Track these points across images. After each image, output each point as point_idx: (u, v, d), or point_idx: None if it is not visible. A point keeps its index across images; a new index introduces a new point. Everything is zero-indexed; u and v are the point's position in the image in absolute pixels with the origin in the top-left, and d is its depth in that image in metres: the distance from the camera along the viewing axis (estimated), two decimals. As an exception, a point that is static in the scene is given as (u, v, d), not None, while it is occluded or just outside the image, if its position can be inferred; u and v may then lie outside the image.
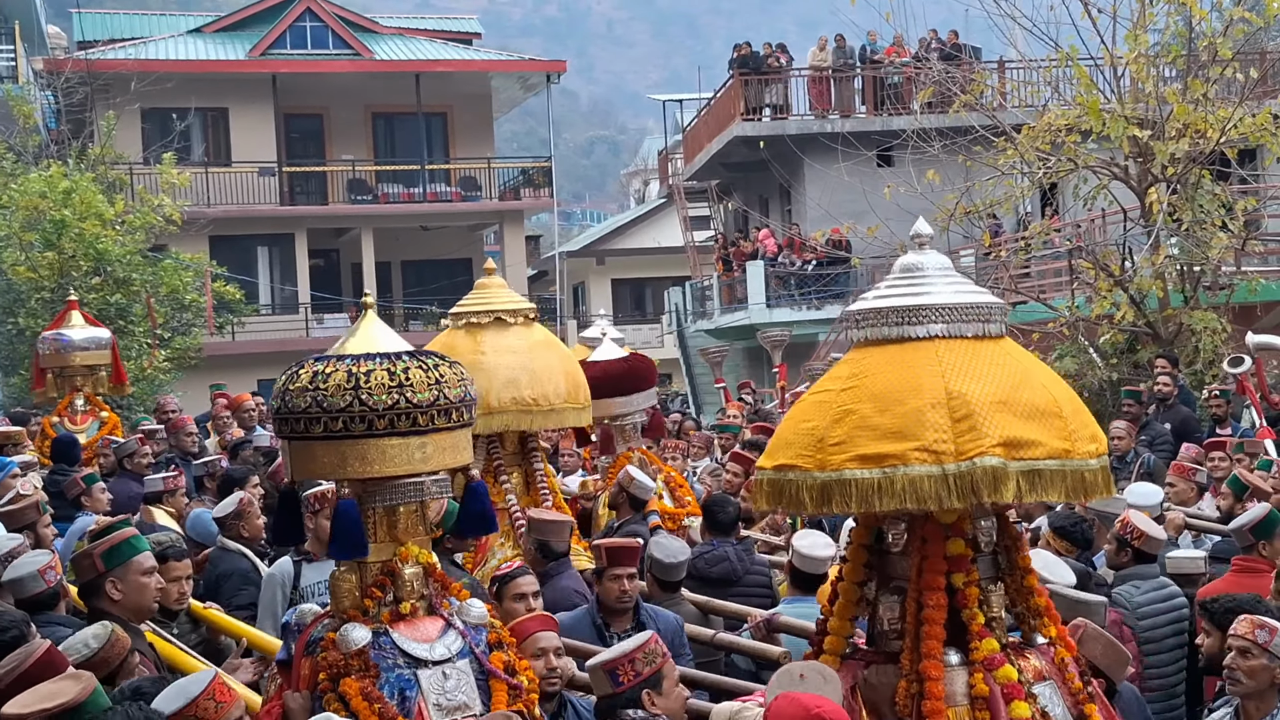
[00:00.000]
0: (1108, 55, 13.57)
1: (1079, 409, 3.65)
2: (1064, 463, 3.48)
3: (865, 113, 25.98)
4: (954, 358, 3.54)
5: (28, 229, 18.57)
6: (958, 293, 3.67)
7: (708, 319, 29.13)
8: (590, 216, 73.66)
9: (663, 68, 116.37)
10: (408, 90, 31.35)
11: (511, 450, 7.15)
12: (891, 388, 3.49)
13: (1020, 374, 3.58)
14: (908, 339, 3.60)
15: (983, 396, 3.45)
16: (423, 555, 3.88)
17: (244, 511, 7.21)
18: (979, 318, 3.63)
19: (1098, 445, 3.61)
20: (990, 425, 3.40)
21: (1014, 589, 3.79)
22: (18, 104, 21.82)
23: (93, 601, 5.13)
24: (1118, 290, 13.12)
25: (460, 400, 3.78)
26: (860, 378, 3.58)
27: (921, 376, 3.49)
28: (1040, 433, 3.47)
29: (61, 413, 11.88)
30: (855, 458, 3.44)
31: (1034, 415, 3.49)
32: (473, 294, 7.31)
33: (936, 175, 14.41)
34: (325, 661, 3.72)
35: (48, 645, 4.28)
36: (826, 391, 3.64)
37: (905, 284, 3.73)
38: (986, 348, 3.62)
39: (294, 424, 3.69)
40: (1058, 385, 3.69)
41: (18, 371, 18.67)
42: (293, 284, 31.46)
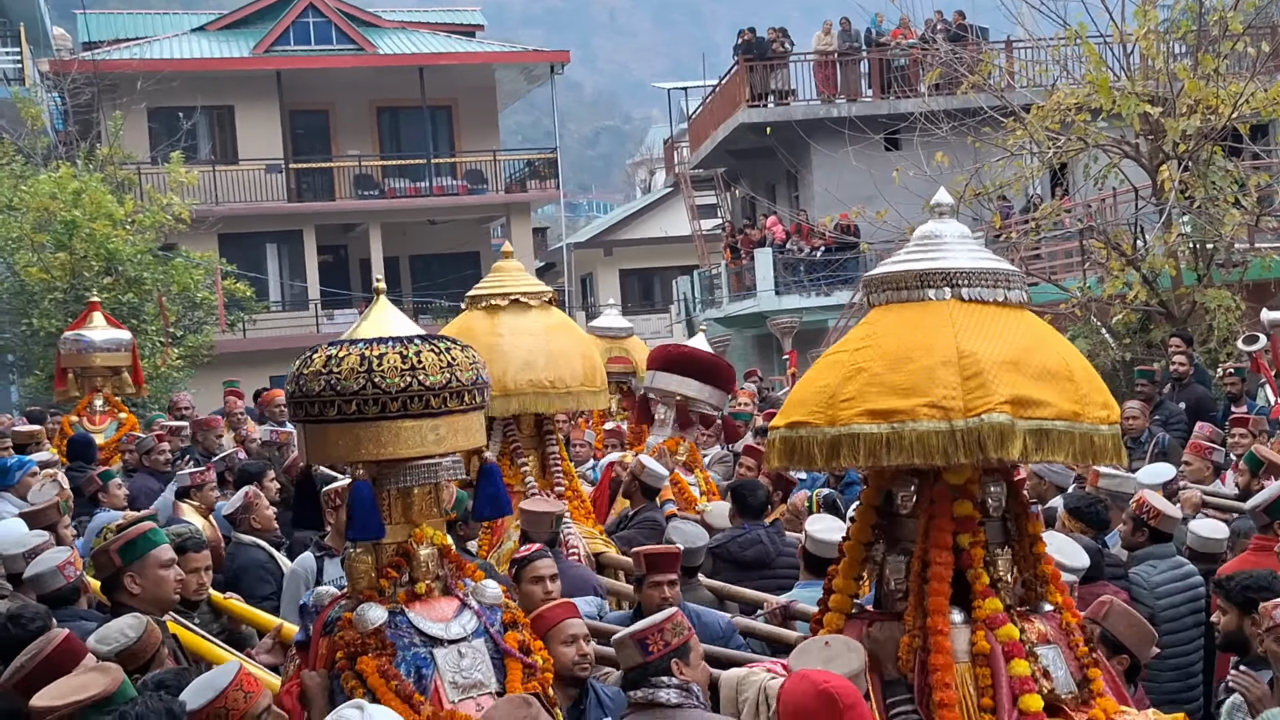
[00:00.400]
0: (1117, 32, 13.49)
1: (1092, 376, 3.68)
2: (1073, 425, 3.52)
3: (872, 96, 25.90)
4: (967, 319, 3.59)
5: (39, 230, 18.66)
6: (975, 259, 3.72)
7: (717, 307, 29.11)
8: (597, 207, 73.68)
9: (666, 56, 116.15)
10: (412, 84, 31.35)
11: (528, 434, 7.16)
12: (904, 346, 3.54)
13: (1034, 337, 3.63)
14: (923, 301, 3.66)
15: (993, 356, 3.49)
16: (437, 536, 3.93)
17: (251, 504, 7.28)
18: (995, 283, 3.68)
19: (1109, 413, 3.65)
20: (999, 383, 3.44)
21: (1021, 556, 3.82)
22: (25, 106, 21.89)
23: (114, 596, 5.18)
24: (1130, 269, 13.07)
25: (472, 383, 3.82)
26: (874, 338, 3.64)
27: (934, 336, 3.54)
28: (1050, 394, 3.50)
29: (81, 412, 11.99)
30: (865, 413, 3.48)
31: (1045, 377, 3.52)
32: (490, 277, 7.33)
33: (945, 158, 14.35)
34: (343, 641, 3.77)
35: (66, 633, 4.34)
36: (841, 352, 3.70)
37: (924, 250, 3.78)
38: (1002, 312, 3.67)
39: (309, 407, 3.74)
40: (1073, 353, 3.72)
41: (33, 371, 18.76)
42: (302, 280, 31.51)
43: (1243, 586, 5.17)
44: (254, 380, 19.21)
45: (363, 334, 3.84)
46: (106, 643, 4.51)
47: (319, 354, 3.78)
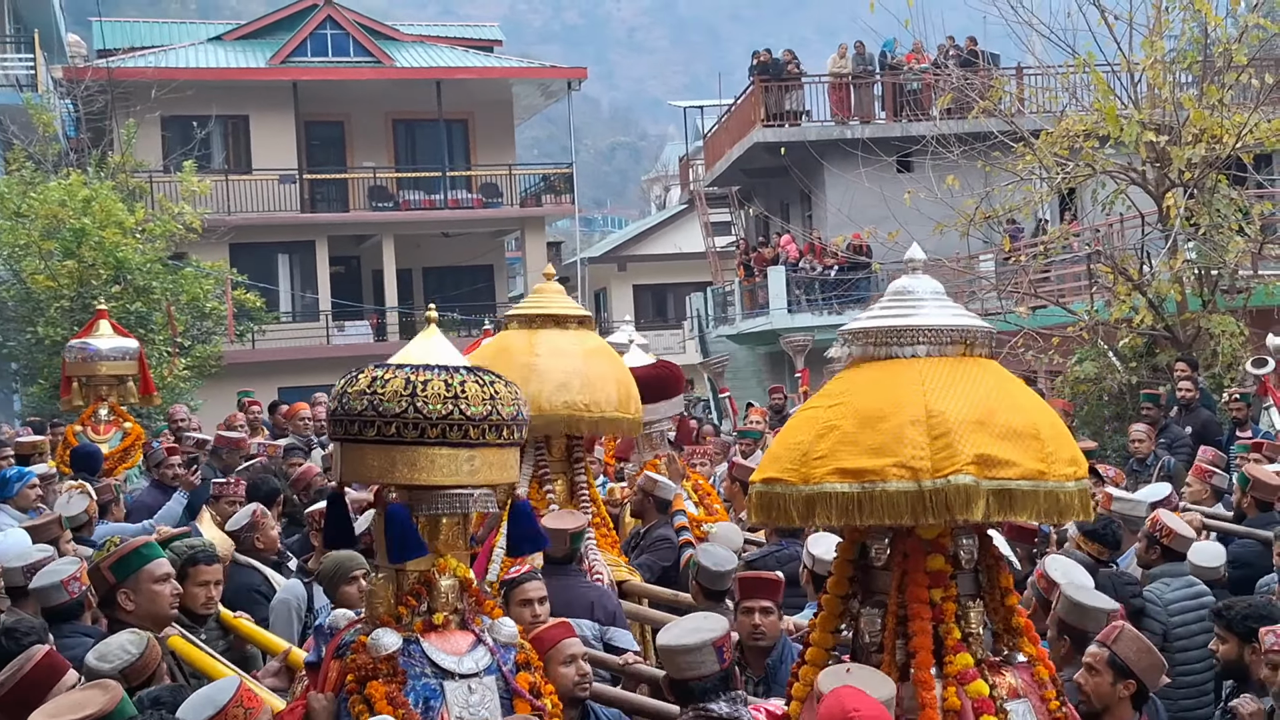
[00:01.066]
0: (1124, 61, 13.56)
1: (1059, 433, 3.69)
2: (1037, 484, 3.53)
3: (885, 119, 25.94)
4: (937, 378, 3.61)
5: (47, 237, 18.62)
6: (947, 316, 3.74)
7: (729, 324, 29.12)
8: (611, 222, 73.79)
9: (683, 74, 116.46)
10: (429, 97, 31.44)
11: (558, 457, 7.09)
12: (874, 405, 3.57)
13: (1002, 396, 3.64)
14: (894, 358, 3.69)
15: (961, 415, 3.51)
16: (460, 569, 3.93)
17: (258, 523, 7.21)
18: (964, 340, 3.71)
19: (1076, 469, 3.65)
20: (965, 443, 3.46)
21: (993, 607, 3.84)
22: (38, 112, 21.93)
23: (110, 612, 5.15)
24: (1136, 294, 13.11)
25: (512, 419, 3.84)
26: (846, 395, 3.66)
27: (903, 394, 3.56)
28: (1015, 453, 3.51)
29: (85, 422, 11.90)
30: (836, 471, 3.50)
31: (1011, 436, 3.54)
32: (530, 297, 7.31)
33: (956, 181, 14.42)
34: (354, 664, 3.77)
35: (47, 650, 4.32)
36: (815, 408, 3.72)
37: (897, 306, 3.80)
38: (971, 369, 3.68)
39: (348, 426, 3.77)
40: (1039, 410, 3.73)
41: (37, 380, 18.73)
42: (313, 291, 31.56)
43: (1243, 615, 5.21)
44: (263, 392, 19.19)
45: (410, 359, 3.88)
46: (107, 660, 4.50)
47: (364, 374, 3.82)
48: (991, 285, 17.72)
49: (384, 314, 32.15)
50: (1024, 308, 15.15)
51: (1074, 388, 13.54)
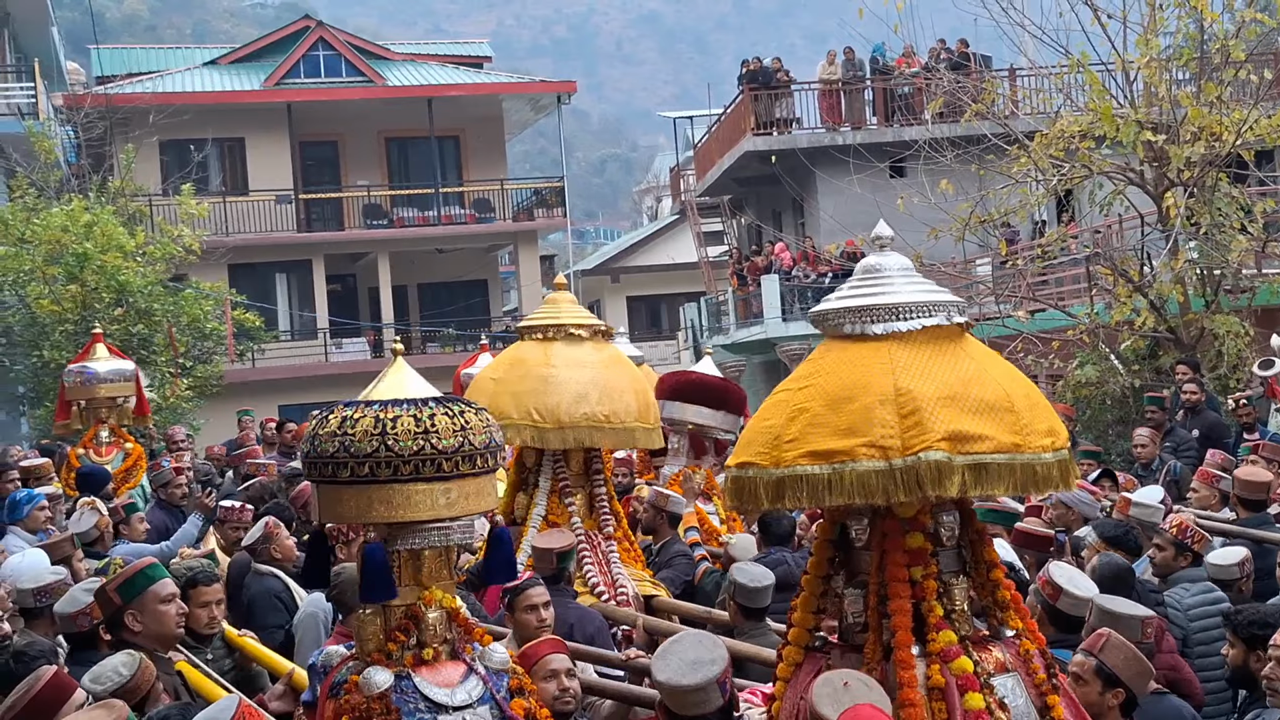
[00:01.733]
0: (1119, 60, 13.52)
1: (1035, 404, 3.67)
2: (1013, 456, 3.51)
3: (876, 124, 26.02)
4: (906, 356, 3.60)
5: (50, 263, 18.71)
6: (916, 292, 3.72)
7: (724, 334, 29.16)
8: (604, 234, 73.84)
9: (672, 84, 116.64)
10: (420, 115, 31.54)
11: (577, 471, 6.98)
12: (843, 386, 3.56)
13: (973, 370, 3.62)
14: (862, 337, 3.67)
15: (930, 393, 3.50)
16: (446, 600, 3.92)
17: (271, 534, 7.26)
18: (933, 314, 3.67)
19: (1054, 439, 3.62)
20: (936, 420, 3.45)
21: (979, 583, 3.81)
22: (39, 140, 22.00)
23: (117, 634, 5.17)
24: (1137, 296, 13.07)
25: (485, 446, 3.81)
26: (815, 376, 3.66)
27: (872, 374, 3.55)
28: (989, 427, 3.50)
29: (87, 444, 11.96)
30: (807, 454, 3.50)
31: (983, 410, 3.52)
32: (543, 308, 7.24)
33: (950, 185, 14.40)
34: (348, 704, 3.76)
35: (55, 671, 4.35)
36: (786, 391, 3.71)
37: (866, 285, 3.78)
38: (941, 344, 3.66)
39: (323, 468, 3.75)
40: (1014, 381, 3.70)
41: (43, 403, 18.78)
42: (311, 310, 31.63)
43: (1249, 621, 5.18)
44: (263, 410, 19.24)
45: (379, 395, 3.86)
46: (100, 681, 4.52)
47: (335, 415, 3.80)
48: (989, 289, 17.71)
49: (381, 331, 32.21)
50: (1023, 312, 15.06)
51: (1075, 392, 13.43)
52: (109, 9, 76.43)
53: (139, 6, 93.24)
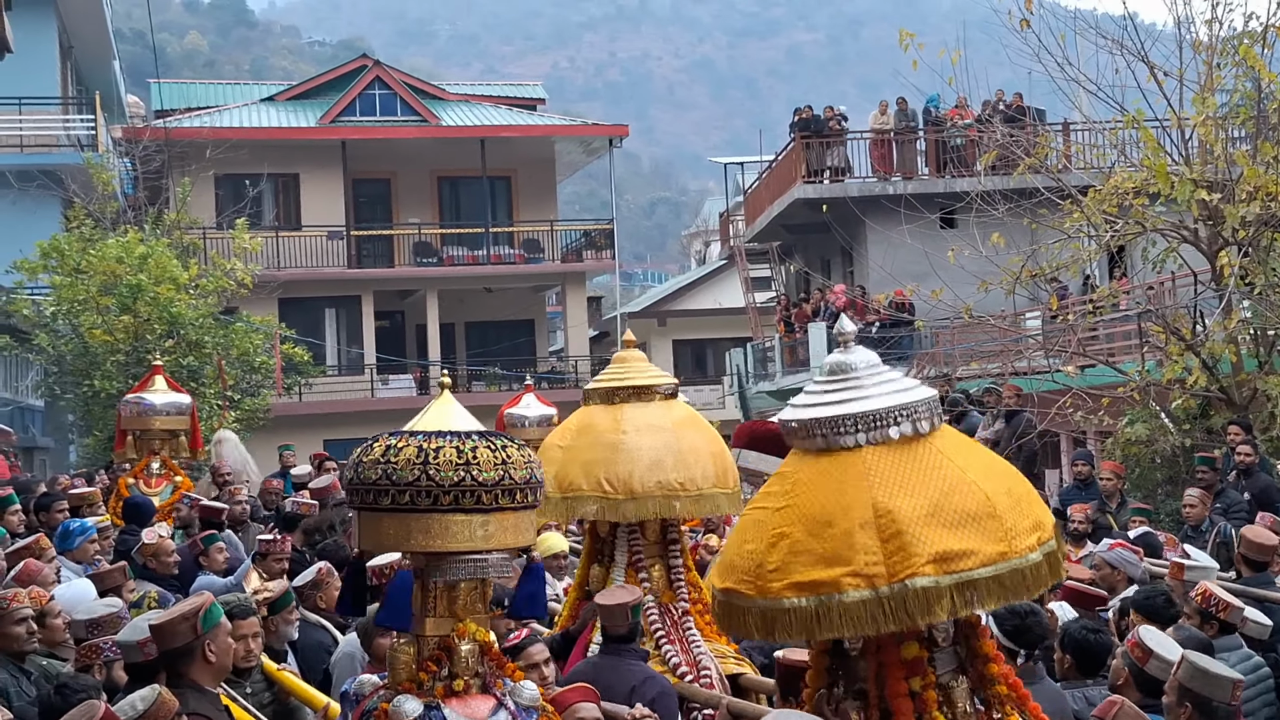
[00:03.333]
0: (1175, 118, 13.44)
1: (1017, 499, 3.50)
2: (998, 567, 3.36)
3: (928, 174, 25.98)
4: (883, 467, 3.44)
5: (105, 293, 18.96)
6: (887, 393, 3.56)
7: (770, 380, 29.07)
8: (651, 277, 74.06)
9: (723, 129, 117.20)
10: (473, 155, 31.81)
11: (653, 540, 6.45)
12: (822, 508, 3.41)
13: (952, 476, 3.46)
14: (837, 450, 3.51)
15: (911, 510, 3.36)
16: (480, 633, 3.93)
17: (323, 582, 7.22)
18: (907, 418, 3.51)
19: (1040, 533, 3.47)
20: (919, 542, 3.31)
21: (975, 679, 3.68)
22: (97, 171, 22.38)
23: (182, 664, 5.16)
24: (1189, 354, 12.91)
25: (525, 482, 3.83)
26: (793, 495, 3.50)
27: (850, 493, 3.41)
28: (973, 540, 3.35)
29: (138, 475, 12.08)
30: (791, 585, 3.37)
31: (966, 521, 3.37)
32: (611, 368, 6.74)
33: (1001, 238, 14.32)
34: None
35: (104, 708, 4.37)
36: (763, 509, 3.55)
37: (834, 387, 3.62)
38: (917, 450, 3.50)
39: (364, 495, 3.80)
40: (993, 477, 3.52)
41: (92, 432, 18.99)
42: (359, 345, 31.85)
43: None
44: (308, 444, 19.40)
45: (423, 426, 3.89)
46: (120, 714, 4.53)
47: (379, 444, 3.84)
48: (1039, 344, 17.58)
49: (427, 368, 32.38)
50: (1072, 367, 14.93)
51: (1125, 450, 13.25)
52: (169, 44, 77.81)
53: (199, 42, 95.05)
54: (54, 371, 20.27)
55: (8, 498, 9.90)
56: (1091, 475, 12.55)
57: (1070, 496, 12.64)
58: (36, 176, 22.68)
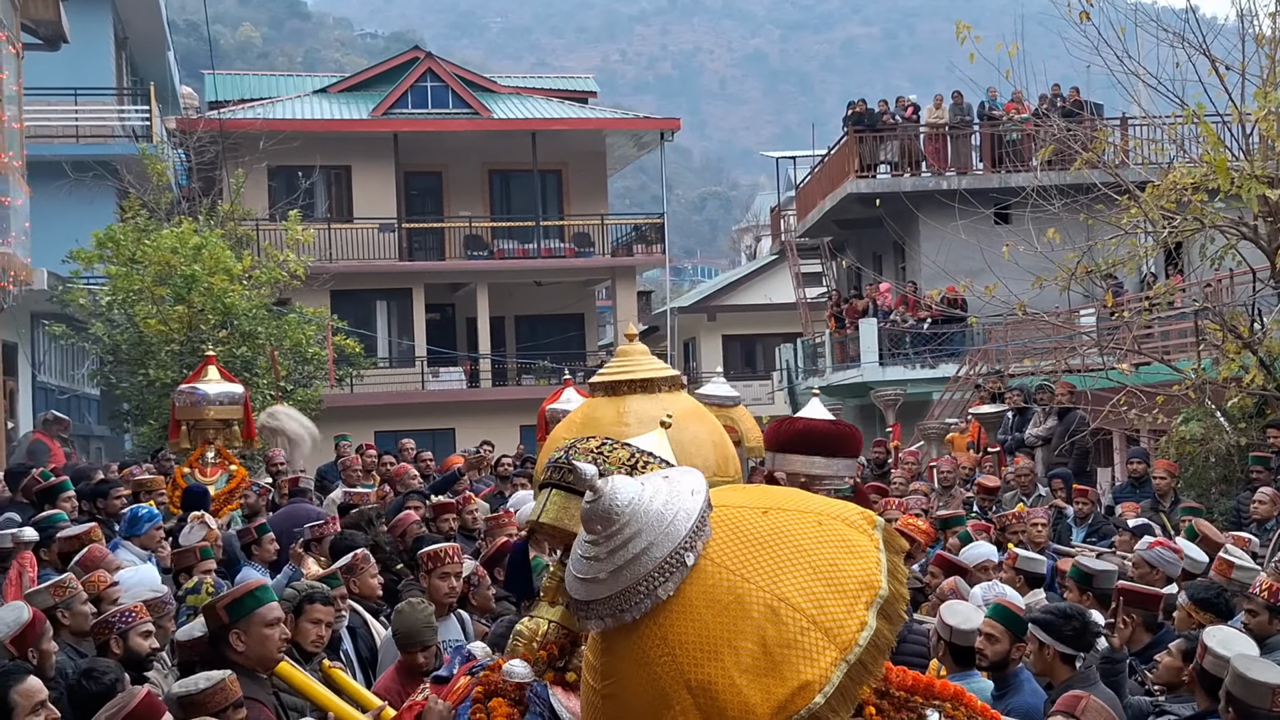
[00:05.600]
0: (1236, 112, 13.23)
1: (829, 571, 2.92)
2: (837, 676, 2.83)
3: (983, 169, 25.79)
4: (679, 630, 2.92)
5: (159, 283, 19.11)
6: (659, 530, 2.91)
7: (819, 376, 28.95)
8: (702, 272, 73.98)
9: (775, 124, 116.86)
10: (524, 148, 31.89)
11: None
12: (640, 700, 2.98)
13: (752, 605, 2.90)
14: (622, 627, 2.97)
15: (725, 677, 2.88)
16: None
17: (358, 567, 7.25)
18: (677, 564, 2.92)
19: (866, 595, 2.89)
20: (747, 710, 2.83)
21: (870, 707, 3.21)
22: (152, 162, 22.57)
23: (220, 650, 5.22)
24: (1246, 353, 12.73)
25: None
26: (611, 681, 3.04)
27: (660, 677, 2.92)
28: (800, 670, 2.84)
29: (193, 464, 12.18)
30: None
31: (785, 654, 2.86)
32: (615, 361, 6.69)
33: (1057, 234, 14.17)
34: (485, 680, 3.86)
35: (146, 691, 4.44)
36: (592, 689, 3.09)
37: (600, 550, 2.97)
38: (703, 587, 2.94)
39: (565, 472, 4.03)
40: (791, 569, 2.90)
41: (147, 421, 19.18)
42: (410, 338, 32.01)
43: None
44: (359, 435, 19.44)
45: (636, 443, 4.13)
46: (183, 686, 4.65)
47: (595, 439, 4.09)
48: (1093, 341, 17.40)
49: (477, 361, 32.50)
50: (1127, 365, 14.76)
51: (1179, 448, 13.11)
52: (223, 35, 78.57)
53: (252, 34, 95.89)
54: (109, 361, 20.48)
55: (62, 484, 10.03)
56: (1146, 474, 12.46)
57: (1124, 495, 12.54)
58: (92, 167, 22.90)
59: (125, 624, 5.84)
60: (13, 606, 5.57)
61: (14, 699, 4.50)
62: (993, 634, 5.77)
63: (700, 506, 2.94)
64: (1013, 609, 5.94)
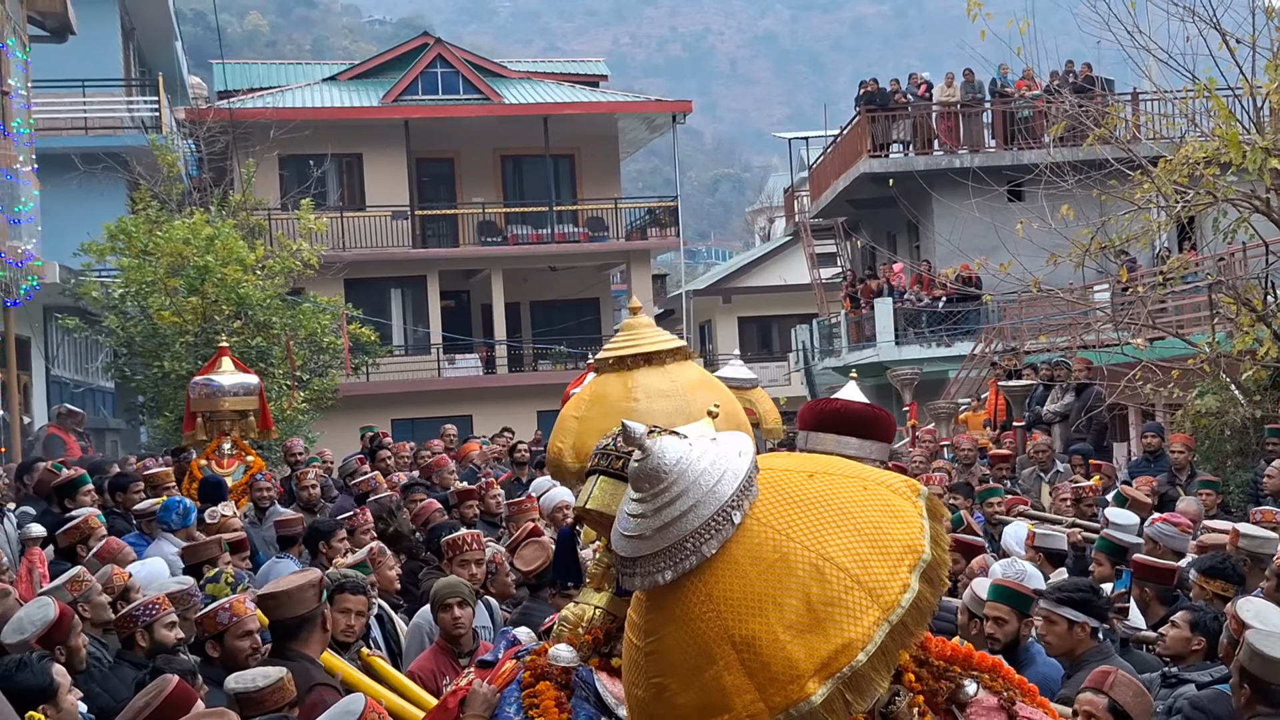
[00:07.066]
0: (1247, 86, 13.17)
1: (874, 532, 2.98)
2: (879, 636, 2.90)
3: (995, 147, 25.69)
4: (724, 587, 2.99)
5: (172, 275, 19.12)
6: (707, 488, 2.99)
7: (835, 356, 28.94)
8: (716, 254, 73.89)
9: (786, 104, 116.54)
10: (536, 133, 31.85)
11: None
12: (684, 655, 3.04)
13: (797, 564, 2.96)
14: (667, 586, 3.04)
15: (769, 633, 2.93)
16: None
17: (375, 561, 7.26)
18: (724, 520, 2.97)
19: (909, 559, 2.98)
20: (791, 665, 2.89)
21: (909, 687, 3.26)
22: (162, 153, 22.54)
23: (302, 634, 5.28)
24: (1260, 325, 12.71)
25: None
26: (654, 639, 3.09)
27: (704, 632, 3.00)
28: (844, 628, 2.90)
29: (209, 455, 12.22)
30: None
31: (829, 612, 2.91)
32: (620, 335, 6.93)
33: (1070, 210, 14.14)
34: (532, 664, 3.88)
35: (177, 680, 4.46)
36: (635, 647, 3.15)
37: (646, 507, 3.04)
38: (748, 546, 3.01)
39: (613, 459, 3.98)
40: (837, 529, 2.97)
41: (162, 413, 19.22)
42: (424, 325, 32.05)
43: None
44: (377, 424, 19.44)
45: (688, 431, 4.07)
46: (241, 681, 4.68)
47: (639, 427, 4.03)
48: (1107, 316, 17.36)
49: (493, 347, 32.54)
50: (1141, 339, 14.74)
51: (1195, 422, 13.11)
52: (230, 24, 78.51)
53: (260, 22, 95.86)
54: (124, 353, 20.51)
55: (80, 478, 10.07)
56: (1161, 448, 12.46)
57: (1140, 469, 12.54)
58: (101, 159, 22.93)
59: (150, 616, 5.88)
60: (39, 604, 5.59)
61: (57, 678, 4.65)
62: (1000, 616, 5.79)
63: (747, 467, 2.99)
64: (1012, 587, 5.93)
